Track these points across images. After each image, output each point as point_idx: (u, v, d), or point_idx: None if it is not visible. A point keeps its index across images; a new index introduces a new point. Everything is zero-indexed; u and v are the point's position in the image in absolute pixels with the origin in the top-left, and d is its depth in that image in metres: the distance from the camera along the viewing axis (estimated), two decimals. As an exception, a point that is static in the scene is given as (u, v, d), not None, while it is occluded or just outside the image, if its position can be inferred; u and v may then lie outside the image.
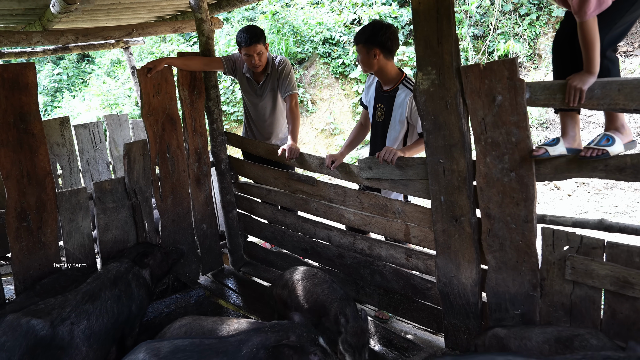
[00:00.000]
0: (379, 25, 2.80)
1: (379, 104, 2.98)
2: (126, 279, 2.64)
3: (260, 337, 1.94)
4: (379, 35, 2.77)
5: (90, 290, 2.47)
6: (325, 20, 10.26)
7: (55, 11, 3.58)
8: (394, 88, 2.89)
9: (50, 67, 12.81)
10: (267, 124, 3.73)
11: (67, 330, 2.24)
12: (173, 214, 3.45)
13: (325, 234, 3.21)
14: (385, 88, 2.94)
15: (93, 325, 2.34)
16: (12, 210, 2.74)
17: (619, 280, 1.95)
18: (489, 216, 2.29)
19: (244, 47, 3.35)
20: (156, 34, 5.43)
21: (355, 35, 2.87)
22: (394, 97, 2.88)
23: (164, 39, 11.50)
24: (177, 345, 1.90)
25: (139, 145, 3.17)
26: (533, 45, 9.12)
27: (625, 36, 2.17)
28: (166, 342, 1.93)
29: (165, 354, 1.85)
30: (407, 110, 2.83)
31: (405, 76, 2.90)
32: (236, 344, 1.92)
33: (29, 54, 6.16)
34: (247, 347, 1.90)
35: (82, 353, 2.27)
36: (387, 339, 2.56)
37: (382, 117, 2.97)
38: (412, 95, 2.69)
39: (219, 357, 1.87)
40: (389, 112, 2.92)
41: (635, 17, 2.07)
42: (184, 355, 1.85)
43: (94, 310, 2.39)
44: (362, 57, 2.84)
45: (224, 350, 1.89)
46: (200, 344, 1.92)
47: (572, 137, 2.16)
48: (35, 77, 2.80)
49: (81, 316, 2.32)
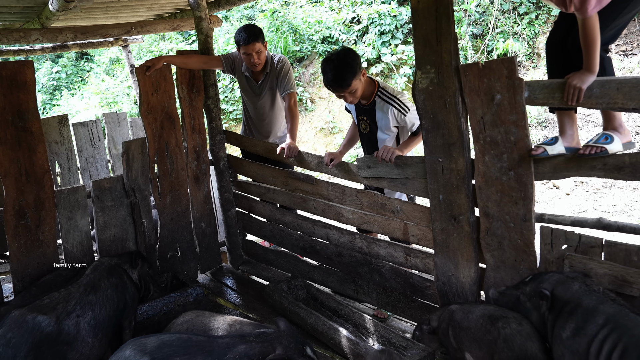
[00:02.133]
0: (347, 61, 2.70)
1: (362, 117, 3.02)
2: (119, 270, 2.71)
3: (245, 345, 1.92)
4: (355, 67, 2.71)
5: (91, 281, 2.52)
6: (325, 18, 10.25)
7: (54, 9, 3.57)
8: (371, 102, 2.92)
9: (48, 65, 12.79)
10: (265, 123, 3.73)
11: (73, 324, 2.27)
12: (172, 213, 3.45)
13: (324, 233, 3.21)
14: (363, 102, 2.96)
15: (98, 315, 2.39)
16: (10, 208, 2.74)
17: (617, 279, 1.95)
18: (488, 215, 2.29)
19: (243, 46, 3.35)
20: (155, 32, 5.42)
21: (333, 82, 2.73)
22: (374, 110, 2.92)
23: (163, 37, 11.48)
24: (164, 341, 1.91)
25: (138, 143, 3.17)
26: (532, 44, 9.12)
27: (618, 37, 2.18)
28: (153, 337, 1.94)
29: (151, 349, 1.86)
30: (392, 121, 2.87)
31: (378, 87, 2.90)
32: (223, 346, 1.92)
33: (28, 51, 6.14)
34: (231, 353, 1.89)
35: (89, 344, 2.30)
36: (385, 337, 2.56)
37: (367, 129, 3.02)
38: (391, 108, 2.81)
39: (204, 356, 1.87)
40: (374, 123, 2.96)
41: (628, 19, 2.09)
42: (170, 350, 1.86)
43: (97, 300, 2.44)
44: (347, 96, 2.80)
45: (209, 350, 1.90)
46: (187, 340, 1.93)
47: (571, 135, 2.16)
48: (33, 75, 2.79)
49: (86, 307, 2.37)
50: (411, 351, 2.38)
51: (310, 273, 3.39)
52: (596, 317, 1.76)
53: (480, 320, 2.10)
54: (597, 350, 1.71)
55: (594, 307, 1.79)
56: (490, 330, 2.04)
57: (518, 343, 1.93)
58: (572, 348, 1.79)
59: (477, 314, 2.15)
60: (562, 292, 1.92)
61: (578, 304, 1.84)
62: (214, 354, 1.88)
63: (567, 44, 2.14)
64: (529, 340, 1.92)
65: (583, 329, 1.78)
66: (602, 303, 1.79)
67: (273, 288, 3.08)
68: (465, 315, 2.20)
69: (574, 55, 2.10)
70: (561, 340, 1.84)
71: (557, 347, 1.86)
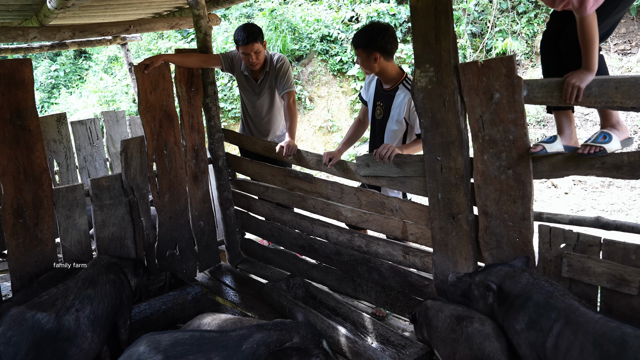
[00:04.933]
0: (377, 28, 2.76)
1: (379, 102, 2.98)
2: (116, 268, 2.72)
3: (263, 334, 1.92)
4: (379, 39, 2.74)
5: (89, 275, 2.53)
6: (323, 17, 10.25)
7: (52, 7, 3.56)
8: (394, 87, 2.88)
9: (47, 63, 12.75)
10: (264, 121, 3.72)
11: (73, 319, 2.27)
12: (170, 211, 3.44)
13: (322, 231, 3.21)
14: (386, 87, 2.93)
15: (96, 310, 2.39)
16: (8, 206, 2.73)
17: (615, 277, 1.95)
18: (486, 214, 2.29)
19: (241, 46, 3.35)
20: (153, 31, 5.41)
21: (353, 39, 2.82)
22: (394, 97, 2.88)
23: (162, 35, 11.46)
24: (177, 338, 1.90)
25: (136, 142, 3.17)
26: (531, 43, 9.13)
27: (609, 36, 2.19)
28: (167, 334, 1.93)
29: (165, 347, 1.85)
30: (405, 110, 2.83)
31: (406, 76, 2.90)
32: (237, 339, 1.91)
33: (26, 50, 6.12)
34: (247, 343, 1.89)
35: (88, 339, 2.30)
36: (384, 336, 2.57)
37: (382, 115, 2.97)
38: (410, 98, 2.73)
39: (218, 351, 1.86)
40: (388, 110, 2.92)
41: (618, 18, 2.11)
42: (183, 349, 1.86)
43: (95, 294, 2.43)
44: (362, 60, 2.82)
45: (224, 345, 1.89)
46: (200, 337, 1.92)
47: (569, 135, 2.16)
48: (31, 73, 2.78)
49: (85, 302, 2.36)
50: (409, 350, 2.38)
51: (309, 272, 3.39)
52: (548, 312, 1.86)
53: (448, 319, 2.17)
54: (553, 346, 1.79)
55: (545, 301, 1.89)
56: (455, 329, 2.11)
57: (477, 342, 1.98)
58: (528, 340, 1.89)
59: (446, 313, 2.22)
60: (511, 285, 2.03)
61: (528, 297, 1.95)
62: (229, 347, 1.88)
63: (560, 43, 2.15)
64: (488, 340, 1.98)
65: (538, 323, 1.87)
66: (552, 297, 1.90)
67: (272, 287, 3.08)
68: (435, 313, 2.27)
69: (567, 54, 2.11)
70: (515, 331, 1.95)
71: (512, 337, 1.97)
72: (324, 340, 1.97)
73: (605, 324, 1.72)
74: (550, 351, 1.81)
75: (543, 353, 1.84)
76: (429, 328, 2.29)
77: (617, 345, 1.64)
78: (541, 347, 1.84)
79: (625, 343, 1.63)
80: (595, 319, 1.75)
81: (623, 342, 1.63)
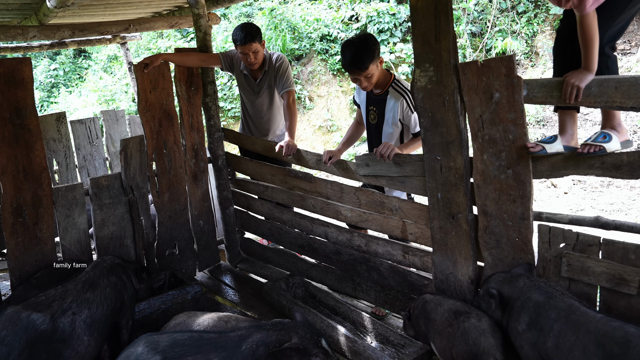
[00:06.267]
0: (368, 41, 2.71)
1: (372, 107, 3.01)
2: (120, 270, 2.70)
3: (262, 334, 1.93)
4: (376, 50, 2.72)
5: (89, 278, 2.50)
6: (323, 16, 10.25)
7: (52, 5, 3.56)
8: (384, 91, 2.91)
9: (46, 62, 12.74)
10: (264, 121, 3.72)
11: (69, 322, 2.24)
12: (170, 210, 3.44)
13: (322, 231, 3.21)
14: (376, 91, 2.95)
15: (94, 314, 2.36)
16: (8, 205, 2.73)
17: (614, 277, 1.95)
18: (486, 213, 2.29)
19: (239, 45, 3.34)
20: (153, 30, 5.41)
21: (355, 63, 2.69)
22: (385, 101, 2.90)
23: (161, 34, 11.45)
24: (176, 339, 1.90)
25: (136, 141, 3.16)
26: (530, 42, 9.13)
27: (623, 33, 2.17)
28: (165, 335, 1.93)
29: (163, 348, 1.85)
30: (399, 113, 2.86)
31: (394, 78, 2.90)
32: (236, 340, 1.91)
33: (25, 49, 6.11)
34: (247, 344, 1.89)
35: (84, 343, 2.28)
36: (383, 335, 2.57)
37: (376, 119, 3.00)
38: (402, 100, 2.80)
39: (217, 352, 1.86)
40: (382, 114, 2.95)
41: (633, 12, 2.06)
42: (182, 350, 1.85)
43: (94, 298, 2.41)
44: (369, 76, 2.76)
45: (223, 345, 1.89)
46: (199, 338, 1.92)
47: (570, 135, 2.16)
48: (31, 72, 2.78)
49: (82, 305, 2.34)
50: (409, 349, 2.39)
51: (309, 271, 3.39)
52: (548, 311, 1.87)
53: (446, 313, 2.22)
54: (554, 345, 1.80)
55: (544, 301, 1.91)
56: (452, 323, 2.15)
57: (473, 337, 2.03)
58: (530, 341, 1.91)
59: (445, 307, 2.27)
60: (510, 289, 2.07)
61: (528, 298, 1.97)
62: (228, 348, 1.88)
63: (575, 42, 2.10)
64: (483, 335, 2.01)
65: (538, 323, 1.89)
66: (551, 297, 1.92)
67: (271, 286, 3.08)
68: (434, 307, 2.31)
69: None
70: (518, 332, 1.97)
71: (515, 339, 1.99)
72: (323, 340, 1.97)
73: (607, 324, 1.71)
74: (552, 351, 1.81)
75: (545, 353, 1.84)
76: (427, 321, 2.31)
77: (621, 344, 1.63)
78: (543, 347, 1.85)
79: (629, 342, 1.62)
80: (596, 318, 1.75)
81: (627, 342, 1.63)
